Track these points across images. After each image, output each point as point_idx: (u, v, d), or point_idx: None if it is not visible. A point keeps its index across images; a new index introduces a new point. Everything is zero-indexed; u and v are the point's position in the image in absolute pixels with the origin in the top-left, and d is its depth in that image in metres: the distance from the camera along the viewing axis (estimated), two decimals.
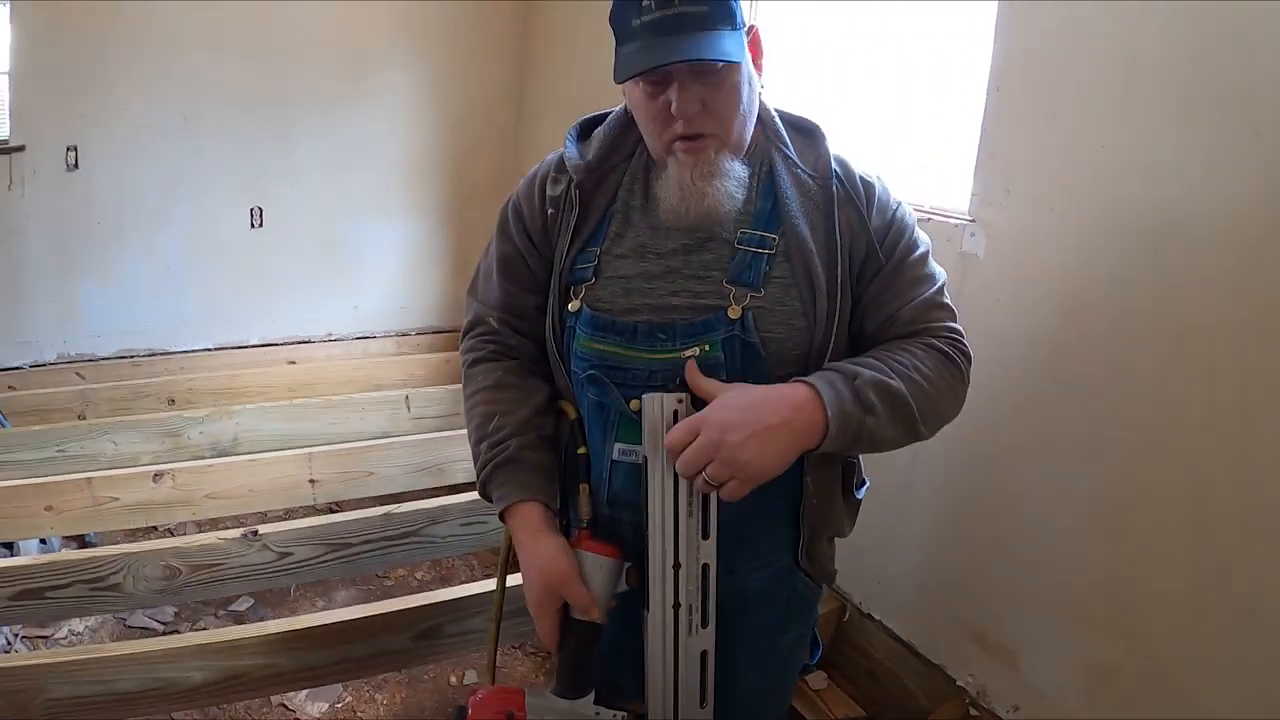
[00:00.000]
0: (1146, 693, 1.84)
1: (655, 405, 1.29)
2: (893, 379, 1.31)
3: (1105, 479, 1.88)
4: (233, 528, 2.40)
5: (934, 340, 1.40)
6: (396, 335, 4.07)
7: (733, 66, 1.30)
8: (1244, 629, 1.67)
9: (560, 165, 1.48)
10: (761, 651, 1.54)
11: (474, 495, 2.57)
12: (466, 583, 2.26)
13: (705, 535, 1.33)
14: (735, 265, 1.37)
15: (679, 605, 1.33)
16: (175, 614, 2.89)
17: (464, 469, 3.09)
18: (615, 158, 1.46)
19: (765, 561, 1.47)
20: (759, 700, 1.60)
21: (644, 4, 1.27)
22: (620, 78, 1.32)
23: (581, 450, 1.45)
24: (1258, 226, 1.58)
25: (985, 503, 2.12)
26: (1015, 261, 2.01)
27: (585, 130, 1.53)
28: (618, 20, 1.32)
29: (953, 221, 2.14)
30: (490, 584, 2.15)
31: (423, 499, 2.63)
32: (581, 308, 1.41)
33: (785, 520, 1.45)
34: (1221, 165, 1.62)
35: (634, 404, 1.36)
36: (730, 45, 1.27)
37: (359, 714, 2.62)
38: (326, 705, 2.63)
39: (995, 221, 2.04)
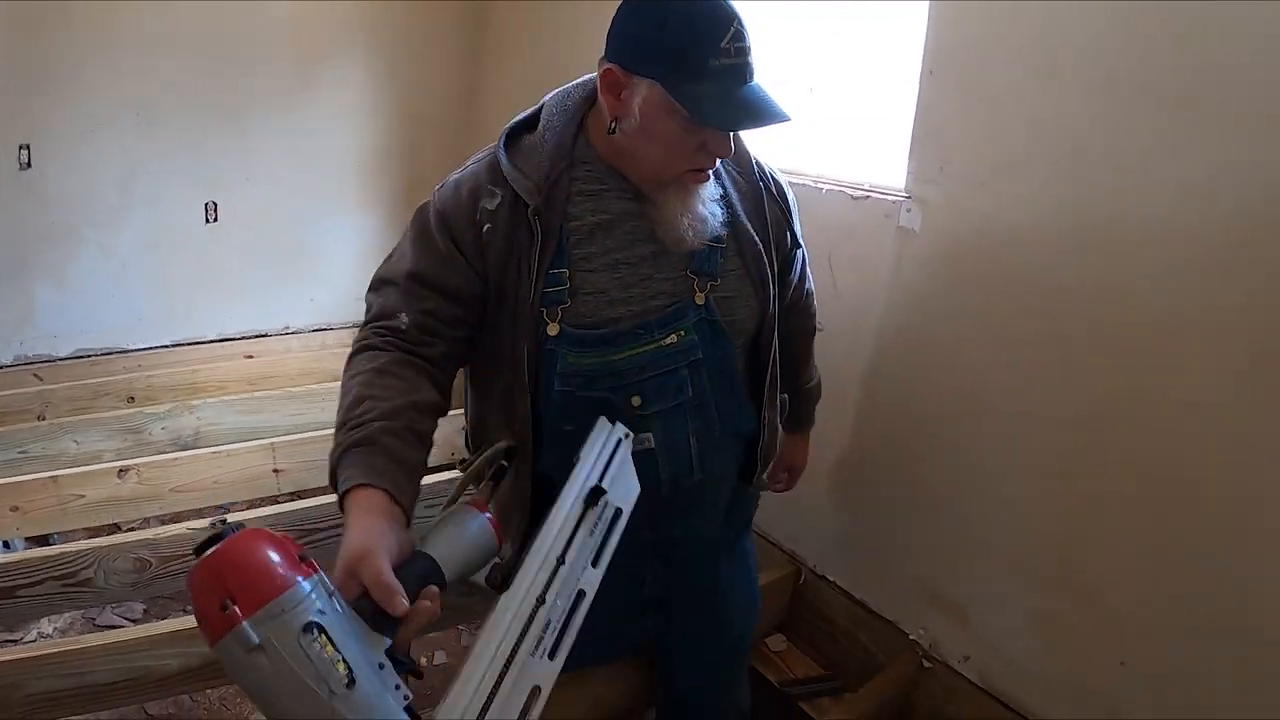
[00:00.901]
0: (1094, 639, 1.94)
1: (606, 431, 1.38)
2: (816, 384, 1.97)
3: (1044, 442, 1.97)
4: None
5: (812, 321, 1.91)
6: (353, 326, 4.04)
7: None
8: (1186, 576, 1.78)
9: (494, 177, 1.46)
10: (735, 558, 1.81)
11: (435, 478, 2.60)
12: None
13: (595, 563, 1.26)
14: (696, 259, 1.50)
15: (542, 602, 1.15)
16: (144, 611, 2.89)
17: (432, 456, 3.13)
18: (555, 170, 1.46)
19: (728, 481, 1.67)
20: (748, 603, 1.87)
21: (724, 46, 1.33)
22: (717, 123, 1.37)
23: (505, 463, 1.46)
24: (1174, 199, 1.68)
25: (931, 466, 2.20)
26: (949, 235, 2.09)
27: (513, 136, 1.51)
28: (690, 53, 1.34)
29: (890, 198, 2.21)
30: None
31: None
32: (562, 330, 1.45)
33: (740, 451, 1.66)
34: (1140, 144, 1.72)
35: (635, 400, 1.47)
36: None
37: None
38: None
39: (930, 198, 2.12)
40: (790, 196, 1.68)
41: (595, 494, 1.29)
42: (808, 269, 1.82)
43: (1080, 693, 1.98)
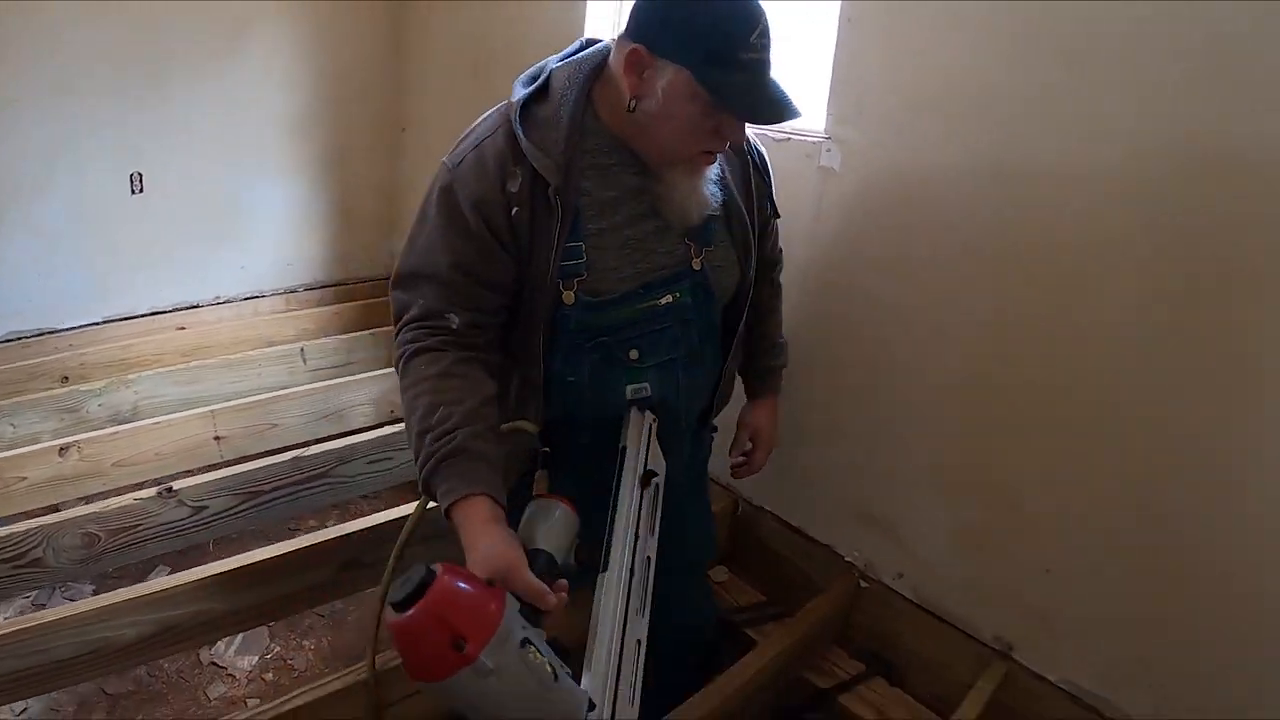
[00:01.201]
0: (1017, 549, 2.05)
1: (639, 420, 1.60)
2: (784, 344, 2.04)
3: (959, 363, 2.06)
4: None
5: (779, 275, 2.00)
6: (285, 293, 4.02)
7: None
8: (1094, 483, 1.89)
9: (515, 154, 1.47)
10: (697, 483, 2.01)
11: (378, 433, 2.64)
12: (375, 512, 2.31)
13: (653, 531, 1.51)
14: (693, 228, 1.61)
15: (633, 573, 1.39)
16: (93, 591, 2.85)
17: (363, 413, 3.16)
18: (571, 147, 1.49)
19: (693, 424, 1.82)
20: (709, 525, 2.09)
21: (752, 41, 1.41)
22: (745, 115, 1.47)
23: (545, 449, 1.58)
24: (1080, 139, 1.77)
25: (855, 392, 2.28)
26: (868, 173, 2.15)
27: (524, 106, 1.50)
28: (722, 45, 1.40)
29: (811, 139, 2.27)
30: (399, 511, 2.24)
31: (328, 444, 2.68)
32: (577, 299, 1.54)
33: (705, 400, 1.83)
34: (1046, 89, 1.80)
35: (633, 353, 1.59)
36: None
37: (289, 662, 2.65)
38: (256, 658, 2.65)
39: (849, 138, 2.18)
40: (769, 164, 1.80)
41: (648, 476, 1.52)
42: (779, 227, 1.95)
43: (1009, 601, 2.08)
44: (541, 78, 1.53)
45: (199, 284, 3.83)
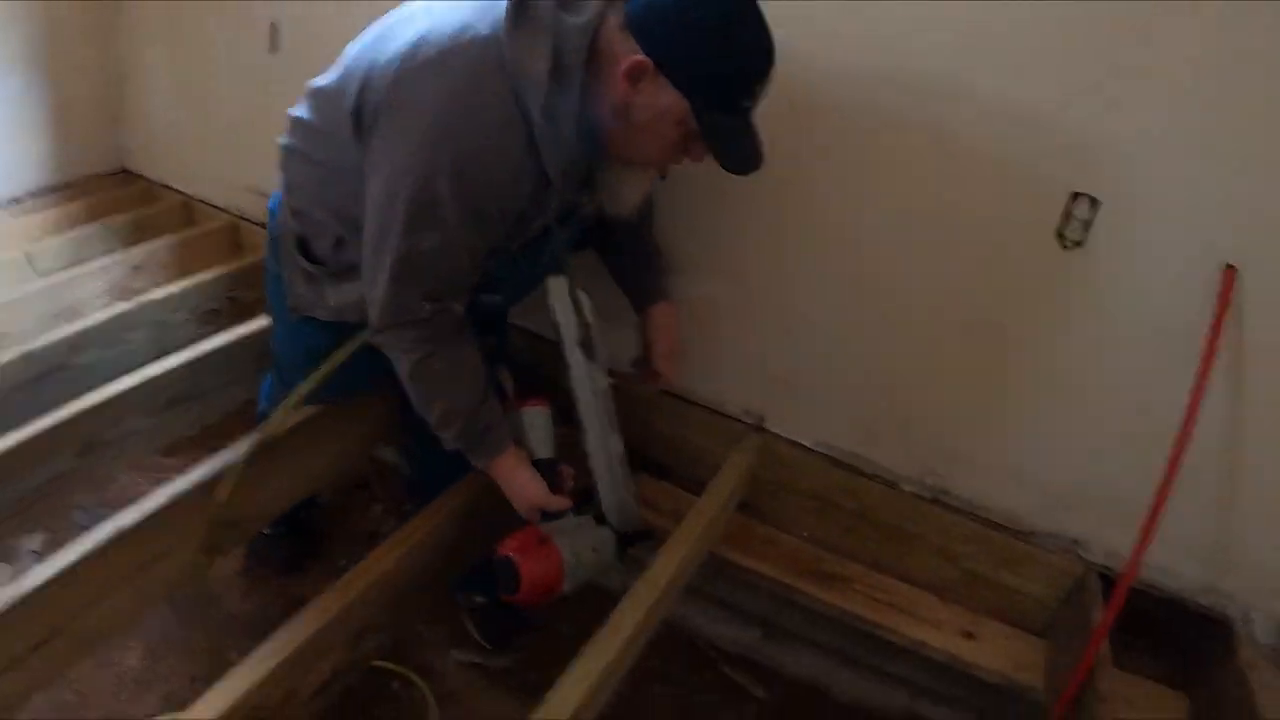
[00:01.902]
0: (739, 315, 2.22)
1: (558, 287, 1.85)
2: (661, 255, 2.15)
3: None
4: None
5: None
6: (8, 204, 3.71)
7: None
8: (809, 258, 2.06)
9: (531, 149, 1.49)
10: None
11: (109, 313, 2.52)
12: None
13: (602, 365, 1.97)
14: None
15: (596, 398, 1.93)
16: None
17: (100, 305, 2.97)
18: (575, 148, 1.54)
19: None
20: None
21: (755, 90, 1.43)
22: (735, 167, 1.53)
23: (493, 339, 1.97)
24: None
25: None
26: None
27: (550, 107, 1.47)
28: (730, 89, 1.43)
29: None
30: (129, 381, 2.19)
31: None
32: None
33: None
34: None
35: (499, 269, 1.75)
36: None
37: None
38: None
39: None
40: None
41: (586, 331, 1.89)
42: None
43: (754, 373, 2.27)
44: (549, 42, 1.43)
45: None
